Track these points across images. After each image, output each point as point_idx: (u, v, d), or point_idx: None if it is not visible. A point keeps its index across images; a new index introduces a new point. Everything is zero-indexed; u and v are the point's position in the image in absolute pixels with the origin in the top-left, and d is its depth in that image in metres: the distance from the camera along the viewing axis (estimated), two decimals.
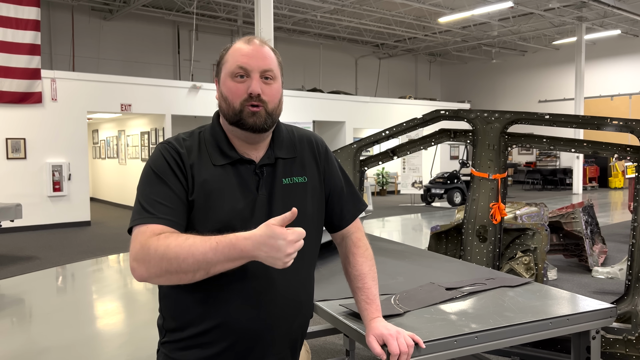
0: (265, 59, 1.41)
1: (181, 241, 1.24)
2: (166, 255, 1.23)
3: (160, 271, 1.25)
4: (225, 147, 1.44)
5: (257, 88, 1.38)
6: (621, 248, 7.83)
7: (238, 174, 1.43)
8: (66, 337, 4.58)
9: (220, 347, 1.41)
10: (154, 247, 1.25)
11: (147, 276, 1.28)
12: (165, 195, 1.35)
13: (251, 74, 1.39)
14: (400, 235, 10.11)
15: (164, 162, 1.39)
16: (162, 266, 1.24)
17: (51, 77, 11.01)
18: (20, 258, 7.91)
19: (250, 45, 1.41)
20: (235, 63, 1.40)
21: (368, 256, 1.60)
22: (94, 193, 16.48)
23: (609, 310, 1.82)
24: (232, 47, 1.45)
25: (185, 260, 1.22)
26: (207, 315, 1.40)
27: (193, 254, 1.22)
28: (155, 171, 1.38)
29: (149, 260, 1.25)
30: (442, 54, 23.93)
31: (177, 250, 1.23)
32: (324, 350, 4.06)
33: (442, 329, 1.61)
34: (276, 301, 1.43)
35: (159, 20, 16.90)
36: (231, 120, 1.42)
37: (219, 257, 1.22)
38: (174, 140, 1.45)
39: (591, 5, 15.23)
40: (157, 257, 1.24)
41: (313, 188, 1.52)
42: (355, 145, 3.69)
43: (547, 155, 21.46)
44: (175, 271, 1.24)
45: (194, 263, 1.22)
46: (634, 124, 2.74)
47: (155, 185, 1.37)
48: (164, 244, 1.25)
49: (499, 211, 3.26)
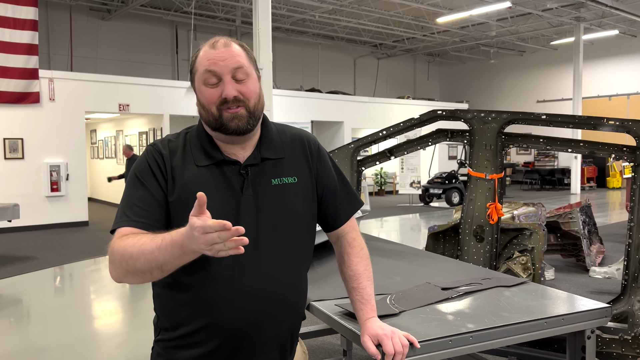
0: (233, 58, 1.38)
1: (135, 241, 1.26)
2: (124, 256, 1.26)
3: (123, 271, 1.29)
4: (209, 148, 1.44)
5: (230, 91, 1.36)
6: (619, 248, 7.84)
7: (222, 174, 1.43)
8: (64, 337, 4.57)
9: (209, 347, 1.41)
10: (116, 248, 1.29)
11: (117, 276, 1.32)
12: (142, 198, 1.39)
13: (223, 77, 1.37)
14: (399, 235, 10.12)
15: (146, 165, 1.43)
16: (122, 267, 1.28)
17: (49, 77, 11.00)
18: (18, 258, 7.90)
19: (215, 49, 1.38)
20: (204, 69, 1.38)
21: (363, 256, 1.60)
22: (92, 193, 16.47)
23: (604, 310, 1.82)
24: (199, 52, 1.43)
25: (138, 260, 1.24)
26: (196, 316, 1.40)
27: (143, 253, 1.23)
28: (137, 175, 1.43)
29: (113, 261, 1.30)
30: (441, 54, 23.95)
31: (131, 251, 1.25)
32: (321, 350, 4.06)
33: (437, 328, 1.61)
34: (264, 301, 1.41)
35: (157, 20, 16.89)
36: (213, 127, 1.41)
37: (164, 255, 1.20)
38: (160, 142, 1.48)
39: (589, 6, 15.24)
40: (118, 258, 1.28)
41: (304, 188, 1.52)
42: (353, 145, 3.69)
43: (545, 155, 21.49)
44: (134, 271, 1.26)
45: (145, 262, 1.23)
46: (630, 124, 2.74)
47: (136, 189, 1.41)
48: (122, 246, 1.28)
49: (496, 211, 3.27)
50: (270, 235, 1.43)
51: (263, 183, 1.45)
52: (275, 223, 1.44)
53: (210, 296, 1.39)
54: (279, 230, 1.44)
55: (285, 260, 1.46)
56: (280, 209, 1.45)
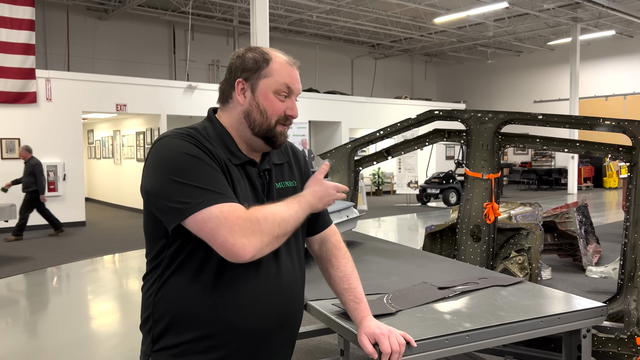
0: (300, 84, 1.49)
1: (280, 208, 1.34)
2: (276, 220, 1.30)
3: (272, 238, 1.30)
4: (234, 149, 1.44)
5: (297, 113, 1.47)
6: (615, 248, 7.86)
7: (247, 175, 1.45)
8: (61, 338, 4.57)
9: (224, 352, 1.37)
10: (262, 217, 1.28)
11: (261, 247, 1.27)
12: (217, 179, 1.31)
13: (291, 96, 1.46)
14: (396, 235, 10.13)
15: (195, 148, 1.32)
16: (274, 232, 1.30)
17: (46, 77, 10.97)
18: (15, 258, 7.88)
19: (294, 67, 1.47)
20: (283, 81, 1.43)
21: (349, 257, 1.64)
22: (89, 193, 16.43)
23: (599, 309, 1.83)
24: (274, 59, 1.43)
25: (289, 223, 1.34)
26: (215, 318, 1.35)
27: (292, 215, 1.35)
28: (195, 156, 1.30)
29: (261, 229, 1.27)
30: (438, 54, 23.97)
31: (282, 215, 1.32)
32: (319, 350, 4.06)
33: (433, 328, 1.62)
34: (284, 306, 1.44)
35: (155, 20, 16.87)
36: (261, 134, 1.43)
37: (301, 215, 1.38)
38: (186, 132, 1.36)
39: (586, 6, 15.28)
40: (269, 225, 1.29)
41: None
42: (350, 146, 3.70)
43: (543, 156, 21.53)
44: (284, 234, 1.33)
45: (294, 223, 1.36)
46: (626, 124, 2.76)
47: (205, 170, 1.30)
48: (269, 212, 1.31)
49: (493, 211, 3.28)
50: None
51: (272, 187, 1.50)
52: None
53: (230, 300, 1.35)
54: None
55: (297, 264, 1.51)
56: None
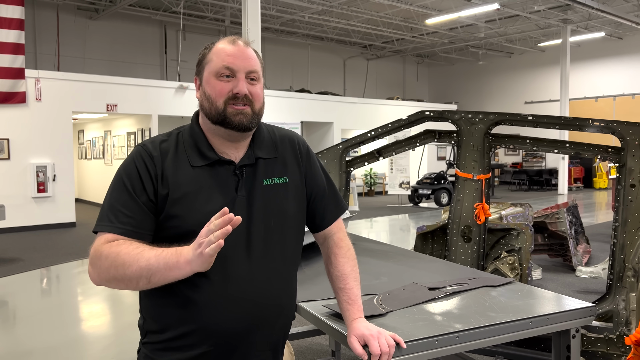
0: (250, 60, 1.42)
1: (131, 250, 1.29)
2: (115, 262, 1.29)
3: (109, 277, 1.31)
4: (204, 148, 1.43)
5: (244, 88, 1.39)
6: (605, 248, 7.92)
7: (217, 175, 1.42)
8: (50, 340, 4.52)
9: (201, 350, 1.39)
10: (105, 254, 1.31)
11: (99, 281, 1.34)
12: (127, 204, 1.37)
13: (237, 74, 1.40)
14: (388, 236, 10.14)
15: (134, 168, 1.40)
16: (110, 272, 1.30)
17: (35, 77, 10.88)
18: (4, 260, 7.81)
19: (235, 46, 1.41)
20: (220, 63, 1.40)
21: (350, 257, 1.60)
22: (79, 194, 16.32)
23: (588, 309, 1.84)
24: (215, 46, 1.44)
25: (130, 268, 1.27)
26: (186, 319, 1.38)
27: (138, 261, 1.27)
28: (123, 178, 1.40)
29: (100, 266, 1.31)
30: (430, 55, 24.05)
31: (124, 259, 1.28)
32: (310, 351, 4.05)
33: (423, 328, 1.62)
34: (258, 305, 1.41)
35: (146, 20, 16.79)
36: (214, 120, 1.41)
37: (159, 263, 1.26)
38: (150, 143, 1.44)
39: (576, 8, 15.40)
40: (107, 264, 1.30)
41: (294, 188, 1.52)
42: (342, 146, 3.69)
43: (533, 156, 21.67)
44: (121, 278, 1.29)
45: (137, 270, 1.27)
46: (615, 125, 2.77)
47: (121, 193, 1.38)
48: (114, 252, 1.29)
49: (483, 211, 3.28)
50: (262, 236, 1.43)
51: (256, 184, 1.45)
52: (267, 224, 1.44)
53: (204, 299, 1.36)
54: (271, 231, 1.45)
55: (277, 262, 1.46)
56: (271, 209, 1.45)
